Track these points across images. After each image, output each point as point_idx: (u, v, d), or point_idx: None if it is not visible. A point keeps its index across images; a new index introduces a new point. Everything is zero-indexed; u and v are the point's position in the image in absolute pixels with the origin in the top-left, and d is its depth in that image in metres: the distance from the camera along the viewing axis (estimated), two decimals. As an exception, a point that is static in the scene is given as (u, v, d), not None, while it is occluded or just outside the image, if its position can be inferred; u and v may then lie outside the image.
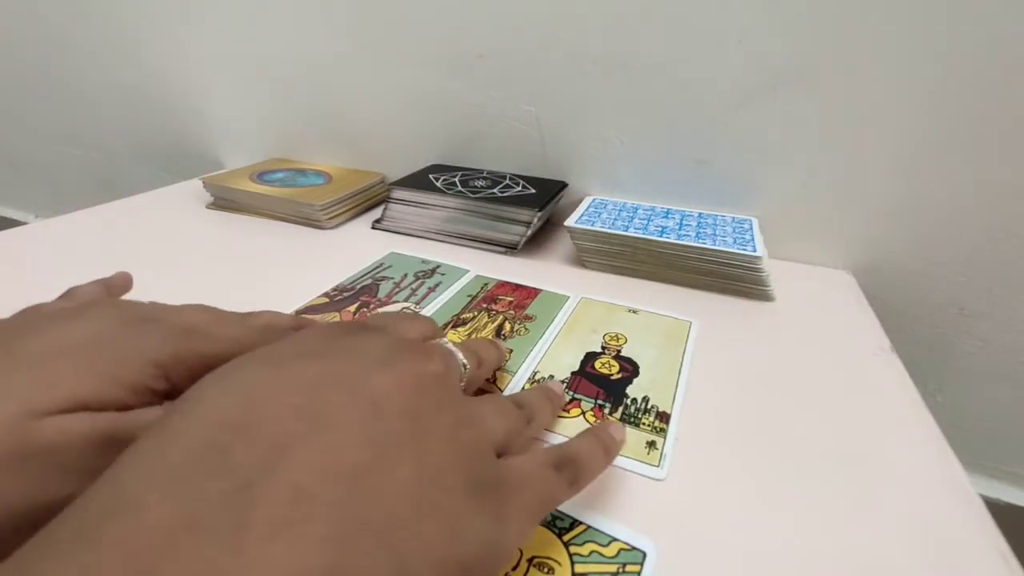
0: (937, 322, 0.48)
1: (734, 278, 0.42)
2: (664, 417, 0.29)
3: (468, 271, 0.44)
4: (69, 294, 0.26)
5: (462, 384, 0.23)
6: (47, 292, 0.25)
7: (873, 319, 0.40)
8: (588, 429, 0.23)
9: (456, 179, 0.53)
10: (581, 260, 0.47)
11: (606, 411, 0.29)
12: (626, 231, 0.43)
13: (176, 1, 0.62)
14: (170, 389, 0.20)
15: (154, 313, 0.22)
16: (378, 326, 0.22)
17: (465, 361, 0.23)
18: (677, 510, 0.23)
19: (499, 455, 0.19)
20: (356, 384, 0.16)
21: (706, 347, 0.35)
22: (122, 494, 0.12)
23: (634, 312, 0.39)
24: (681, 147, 0.49)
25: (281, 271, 0.44)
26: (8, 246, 0.47)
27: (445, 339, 0.24)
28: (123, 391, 0.18)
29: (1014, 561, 0.22)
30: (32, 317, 0.21)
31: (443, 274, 0.44)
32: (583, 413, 0.29)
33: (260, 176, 0.59)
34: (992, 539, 0.23)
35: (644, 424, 0.28)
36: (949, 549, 0.22)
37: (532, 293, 0.41)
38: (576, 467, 0.20)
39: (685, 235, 0.43)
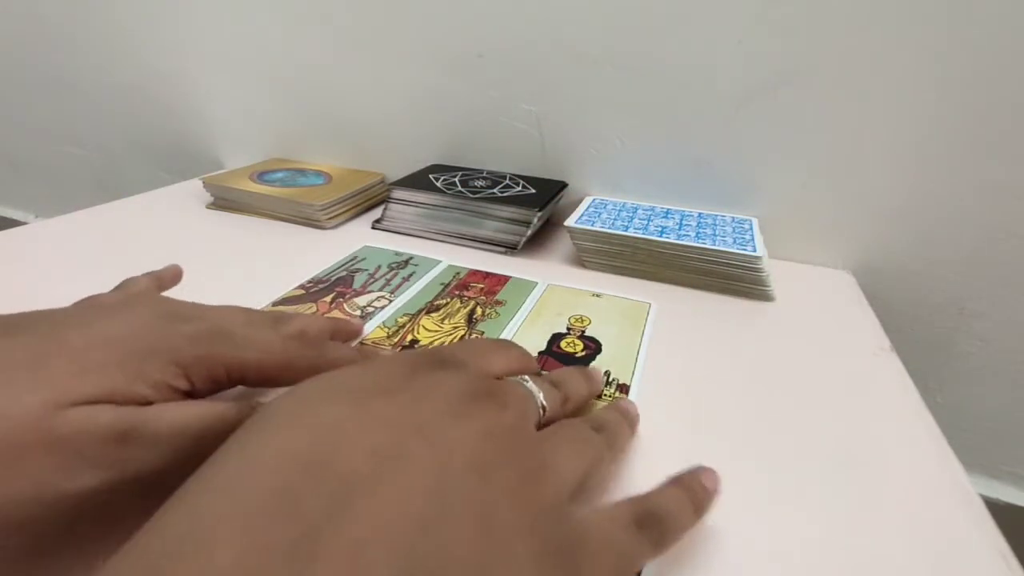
0: (937, 322, 0.48)
1: (734, 278, 0.42)
2: (624, 388, 0.31)
3: (440, 261, 0.46)
4: (122, 286, 0.28)
5: (541, 418, 0.21)
6: (47, 292, 0.25)
7: (873, 319, 0.40)
8: (677, 478, 0.21)
9: (456, 179, 0.53)
10: (581, 260, 0.47)
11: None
12: (626, 231, 0.43)
13: (177, 2, 0.62)
14: (191, 389, 0.20)
15: (189, 312, 0.23)
16: (460, 360, 0.21)
17: (545, 403, 0.21)
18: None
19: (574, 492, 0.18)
20: (430, 432, 0.16)
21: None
22: (195, 530, 0.12)
23: (597, 296, 0.41)
24: (681, 147, 0.49)
25: (281, 271, 0.44)
26: (8, 246, 0.47)
27: (525, 377, 0.22)
28: (145, 387, 0.19)
29: (1014, 561, 0.22)
30: (84, 308, 0.22)
31: (416, 265, 0.45)
32: None
33: (260, 176, 0.59)
34: (992, 539, 0.23)
35: (606, 395, 0.30)
36: (949, 549, 0.22)
37: (502, 280, 0.43)
38: (662, 527, 0.18)
39: (685, 235, 0.43)
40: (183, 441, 0.19)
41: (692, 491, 0.20)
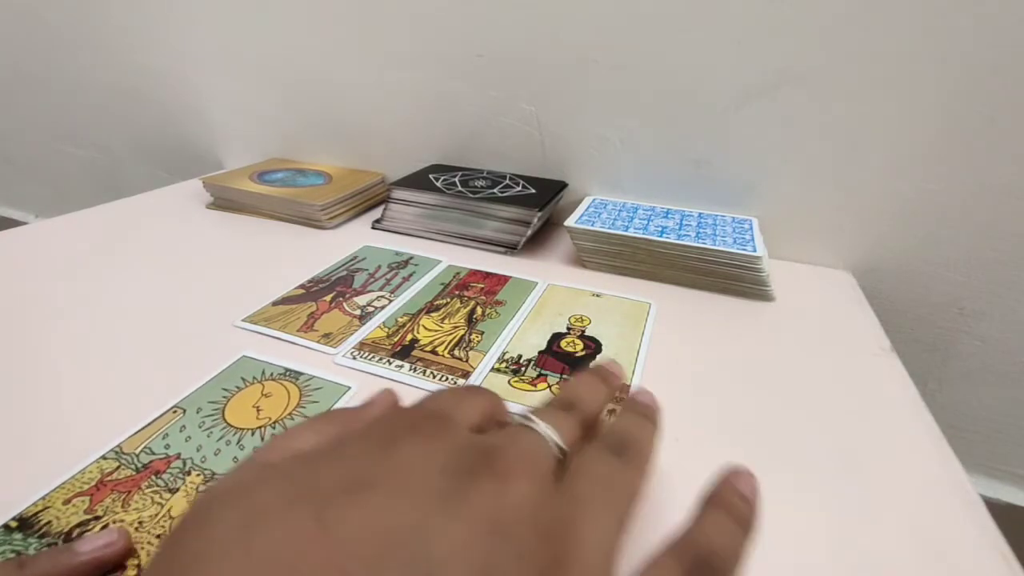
0: (937, 322, 0.48)
1: (734, 278, 0.42)
2: (624, 388, 0.29)
3: (440, 261, 0.46)
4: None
5: (563, 461, 0.17)
6: (47, 292, 0.25)
7: (873, 319, 0.40)
8: (715, 499, 0.17)
9: (456, 179, 0.53)
10: (581, 260, 0.47)
11: (559, 380, 0.31)
12: (626, 231, 0.43)
13: (177, 2, 0.62)
14: None
15: None
16: (441, 415, 0.17)
17: (561, 443, 0.17)
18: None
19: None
20: (416, 548, 0.12)
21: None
22: None
23: (598, 296, 0.41)
24: (681, 147, 0.49)
25: (281, 271, 0.44)
26: (8, 246, 0.47)
27: (529, 417, 0.18)
28: None
29: (1014, 561, 0.22)
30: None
31: (416, 265, 0.45)
32: (549, 387, 0.31)
33: (260, 176, 0.59)
34: (992, 539, 0.23)
35: None
36: (949, 549, 0.22)
37: (502, 280, 0.43)
38: (716, 571, 0.15)
39: (685, 235, 0.43)
40: None
41: (734, 510, 0.17)
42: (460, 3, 0.49)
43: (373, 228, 0.53)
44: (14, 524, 0.21)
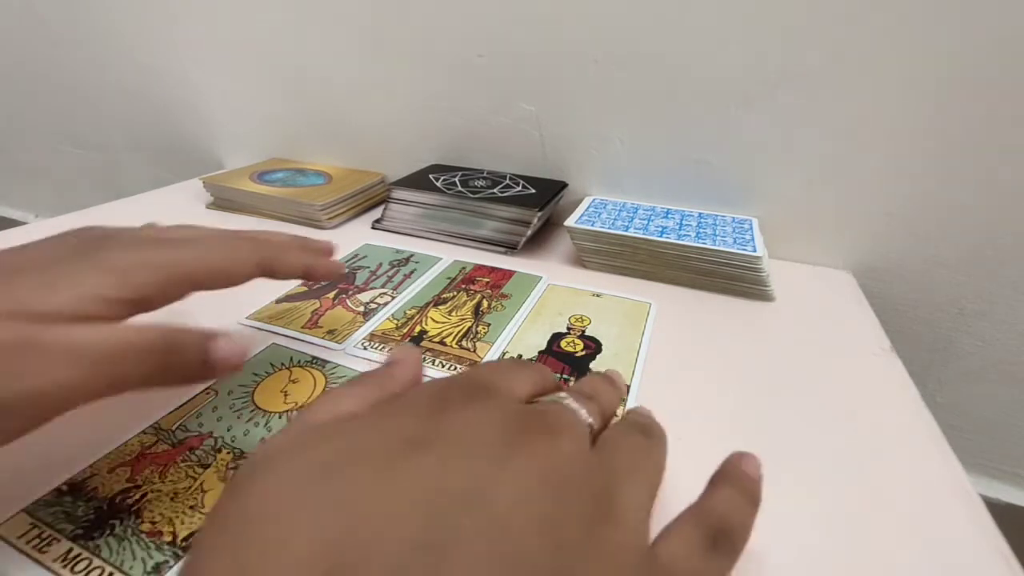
0: (937, 322, 0.48)
1: (734, 278, 0.42)
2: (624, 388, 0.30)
3: (441, 258, 0.47)
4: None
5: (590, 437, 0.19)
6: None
7: (873, 319, 0.40)
8: (723, 476, 0.19)
9: (456, 179, 0.53)
10: (581, 260, 0.47)
11: (571, 384, 0.30)
12: (626, 231, 0.43)
13: (177, 1, 0.62)
14: (136, 297, 0.20)
15: (131, 231, 0.24)
16: (489, 385, 0.18)
17: (591, 420, 0.18)
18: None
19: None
20: (477, 498, 0.13)
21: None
22: None
23: (598, 296, 0.41)
24: (681, 147, 0.49)
25: (281, 271, 0.44)
26: (8, 246, 0.46)
27: (563, 395, 0.19)
28: (66, 299, 0.18)
29: (1014, 561, 0.22)
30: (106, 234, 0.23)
31: (417, 262, 0.46)
32: None
33: (260, 176, 0.59)
34: (992, 539, 0.23)
35: None
36: (949, 549, 0.22)
37: (507, 274, 0.44)
38: (732, 538, 0.17)
39: (685, 235, 0.43)
40: (90, 361, 0.17)
41: (742, 486, 0.18)
42: (460, 3, 0.49)
43: (373, 228, 0.53)
44: (65, 488, 0.23)
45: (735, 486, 0.18)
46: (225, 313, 0.37)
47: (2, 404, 0.16)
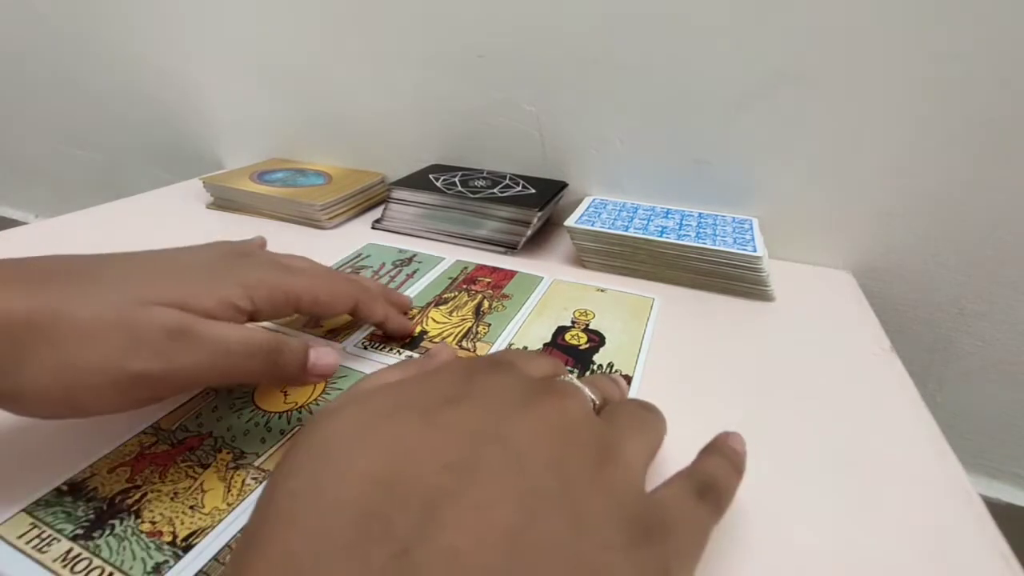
0: (937, 322, 0.48)
1: (734, 278, 0.42)
2: (627, 379, 0.31)
3: (444, 258, 0.47)
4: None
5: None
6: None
7: (873, 319, 0.40)
8: (712, 447, 0.22)
9: (456, 179, 0.53)
10: (581, 260, 0.47)
11: (575, 375, 0.30)
12: (626, 231, 0.43)
13: (177, 1, 0.62)
14: (253, 310, 0.25)
15: (259, 252, 0.30)
16: (509, 362, 0.21)
17: (593, 397, 0.21)
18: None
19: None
20: (501, 433, 0.16)
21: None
22: (296, 567, 0.12)
23: (602, 291, 0.42)
24: (681, 147, 0.49)
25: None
26: (8, 246, 0.47)
27: (570, 377, 0.23)
28: (211, 301, 0.23)
29: (1014, 561, 0.22)
30: (169, 249, 0.28)
31: (420, 262, 0.46)
32: None
33: (260, 176, 0.59)
34: (992, 539, 0.23)
35: None
36: (949, 549, 0.22)
37: (509, 275, 0.44)
38: (718, 492, 0.19)
39: (685, 235, 0.43)
40: (222, 352, 0.22)
41: (729, 455, 0.21)
42: (461, 3, 0.49)
43: (373, 228, 0.53)
44: (65, 488, 0.23)
45: (723, 455, 0.21)
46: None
47: (154, 375, 0.20)
